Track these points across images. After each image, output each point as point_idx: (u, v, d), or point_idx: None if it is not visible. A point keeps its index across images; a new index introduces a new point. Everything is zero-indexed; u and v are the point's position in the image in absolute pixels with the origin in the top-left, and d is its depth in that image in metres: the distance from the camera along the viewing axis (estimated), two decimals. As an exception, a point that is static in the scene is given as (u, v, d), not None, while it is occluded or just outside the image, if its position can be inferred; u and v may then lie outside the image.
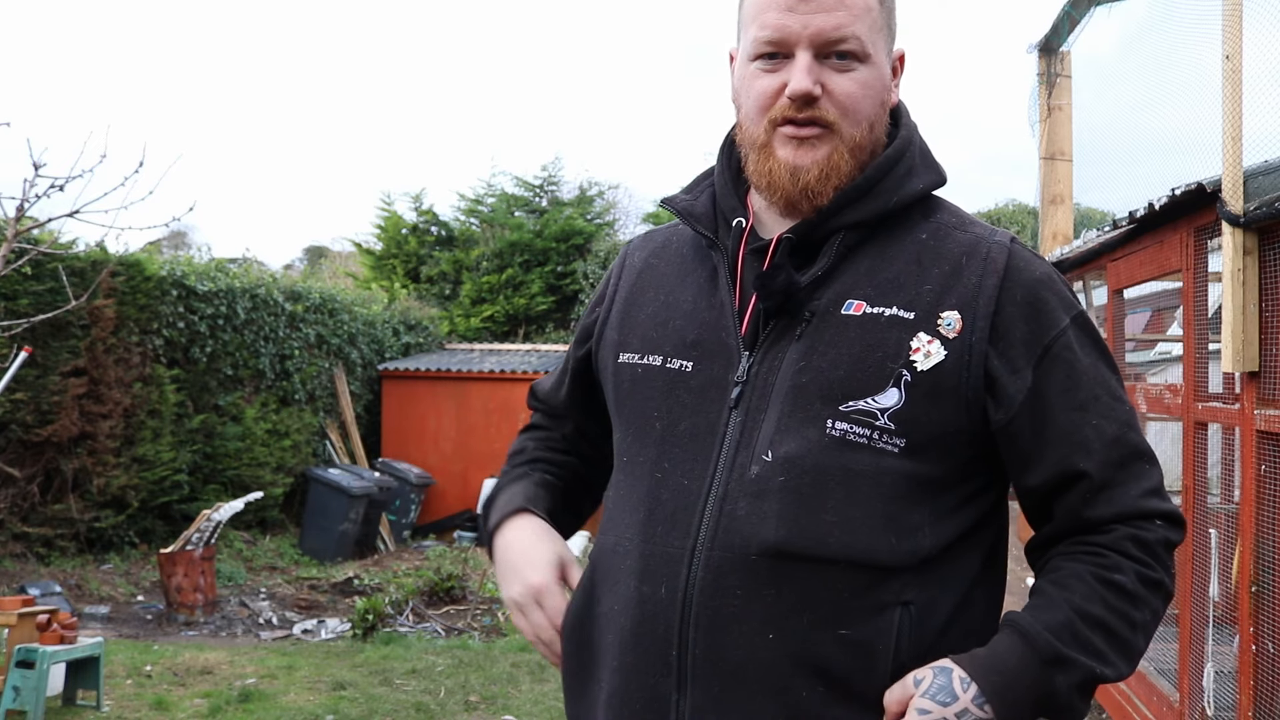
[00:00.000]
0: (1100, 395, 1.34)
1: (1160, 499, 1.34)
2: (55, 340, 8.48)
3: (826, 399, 1.29)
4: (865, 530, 1.27)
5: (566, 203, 17.15)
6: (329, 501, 10.64)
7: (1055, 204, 5.20)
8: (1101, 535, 1.31)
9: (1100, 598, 1.27)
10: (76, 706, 5.55)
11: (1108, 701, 3.99)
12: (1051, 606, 1.27)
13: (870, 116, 1.37)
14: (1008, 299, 1.32)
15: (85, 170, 4.93)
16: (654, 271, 1.50)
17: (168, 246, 18.53)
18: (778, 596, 1.26)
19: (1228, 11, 2.77)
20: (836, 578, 1.26)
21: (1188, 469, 3.25)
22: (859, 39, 1.34)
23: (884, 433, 1.28)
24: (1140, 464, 1.34)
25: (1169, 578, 1.33)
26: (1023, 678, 1.23)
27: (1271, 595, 2.67)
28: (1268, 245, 2.73)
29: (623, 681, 1.34)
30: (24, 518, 8.53)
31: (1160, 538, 1.32)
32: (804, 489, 1.27)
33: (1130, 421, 1.35)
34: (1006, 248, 1.36)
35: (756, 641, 1.27)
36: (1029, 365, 1.31)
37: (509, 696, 6.11)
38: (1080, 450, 1.31)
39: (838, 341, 1.31)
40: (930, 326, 1.30)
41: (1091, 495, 1.32)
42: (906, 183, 1.39)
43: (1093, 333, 1.37)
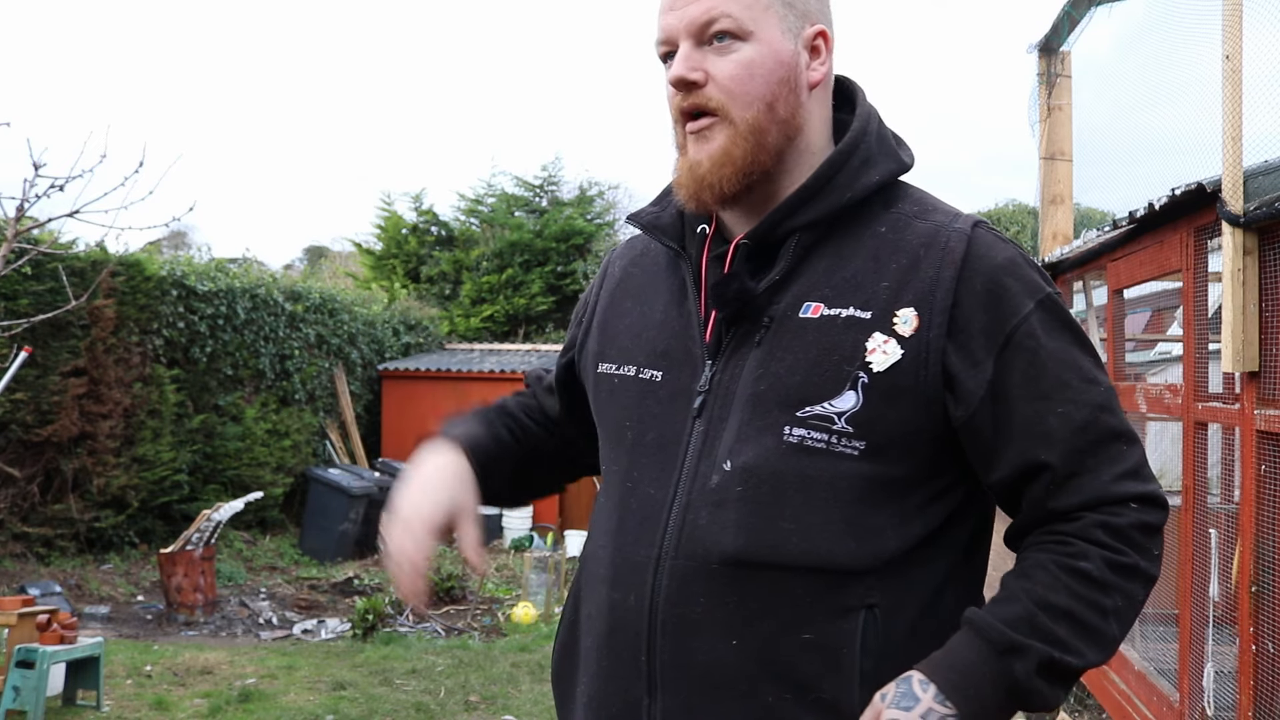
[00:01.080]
0: (1069, 380, 1.29)
1: (1137, 480, 1.29)
2: (55, 340, 8.48)
3: (784, 405, 1.28)
4: (824, 535, 1.26)
5: (566, 203, 17.16)
6: (329, 501, 10.64)
7: (1055, 204, 5.19)
8: (1069, 523, 1.28)
9: (1064, 586, 1.24)
10: (76, 706, 5.55)
11: (1108, 701, 3.99)
12: (1010, 600, 1.25)
13: (764, 95, 1.31)
14: (966, 289, 1.28)
15: (85, 170, 4.94)
16: (632, 281, 1.49)
17: (168, 246, 18.54)
18: (740, 604, 1.27)
19: (1228, 11, 2.77)
20: (797, 583, 1.26)
21: (1188, 469, 3.25)
22: (731, 16, 1.30)
23: (842, 436, 1.26)
24: (1115, 446, 1.29)
25: (1147, 561, 1.29)
26: (981, 670, 1.22)
27: (1271, 595, 2.67)
28: (1268, 245, 2.73)
29: (600, 686, 1.36)
30: (24, 518, 8.53)
31: (1134, 521, 1.28)
32: (761, 497, 1.27)
33: (1105, 403, 1.30)
34: (966, 235, 1.31)
35: (721, 648, 1.27)
36: (990, 357, 1.28)
37: (509, 696, 6.11)
38: (1042, 441, 1.28)
39: (795, 346, 1.29)
40: (886, 325, 1.27)
41: (1056, 486, 1.28)
42: (862, 175, 1.34)
43: (1062, 315, 1.32)
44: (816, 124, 1.38)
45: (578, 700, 1.41)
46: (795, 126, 1.34)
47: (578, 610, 1.45)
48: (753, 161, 1.32)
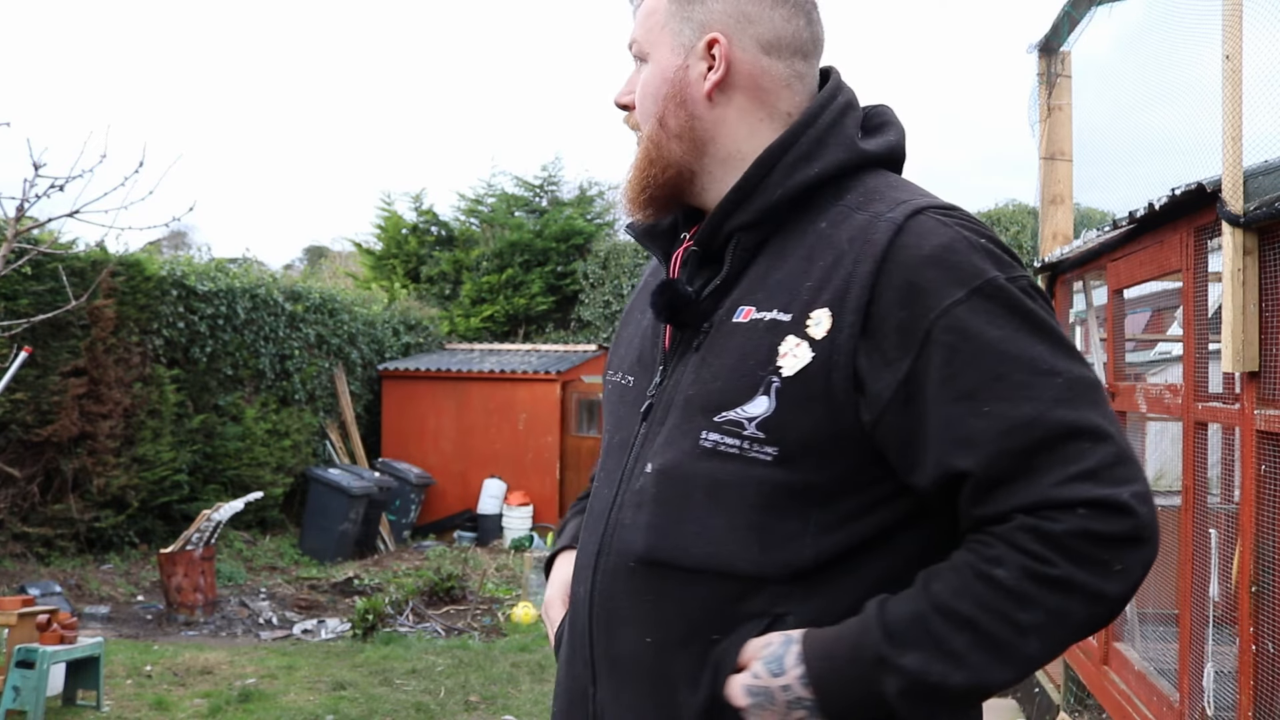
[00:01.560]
0: (1006, 373, 1.17)
1: (1092, 483, 1.14)
2: (55, 340, 8.48)
3: (705, 410, 1.28)
4: (728, 541, 1.25)
5: (566, 203, 17.15)
6: (329, 501, 10.64)
7: (1055, 204, 5.19)
8: (998, 525, 1.17)
9: (971, 593, 1.15)
10: (76, 706, 5.55)
11: (1108, 701, 3.99)
12: (913, 597, 1.18)
13: (655, 112, 1.38)
14: (884, 284, 1.20)
15: (85, 170, 4.94)
16: (645, 289, 1.53)
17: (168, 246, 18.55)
18: (656, 603, 1.29)
19: (1228, 11, 2.77)
20: (704, 587, 1.27)
21: (1188, 469, 3.25)
22: (637, 41, 1.41)
23: (753, 442, 1.24)
24: (1070, 445, 1.15)
25: (1089, 574, 1.14)
26: (849, 671, 1.17)
27: (1271, 595, 2.67)
28: (1268, 245, 2.73)
29: (564, 673, 1.43)
30: (24, 518, 8.54)
31: (1075, 528, 1.13)
32: (670, 499, 1.29)
33: (1062, 396, 1.16)
34: (896, 224, 1.22)
35: (638, 645, 1.30)
36: (905, 356, 1.18)
37: (509, 696, 6.11)
38: (962, 446, 1.17)
39: (723, 351, 1.29)
40: (800, 327, 1.23)
41: (982, 494, 1.18)
42: (798, 170, 1.31)
43: (1010, 300, 1.19)
44: (740, 130, 1.36)
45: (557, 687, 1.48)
46: (697, 138, 1.36)
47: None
48: (649, 174, 1.37)
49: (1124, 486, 1.15)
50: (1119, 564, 1.15)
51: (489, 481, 12.18)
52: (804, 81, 1.38)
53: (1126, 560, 1.15)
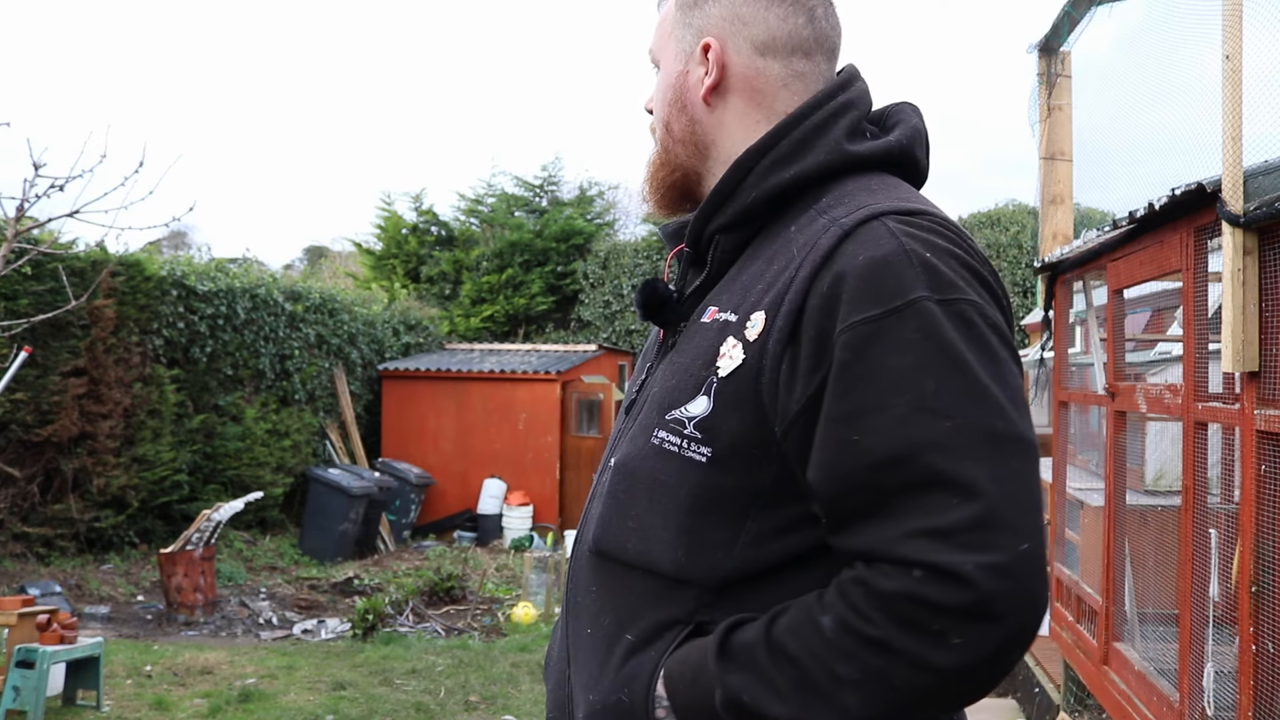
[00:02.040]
0: (889, 405, 1.09)
1: (941, 545, 1.05)
2: (55, 340, 8.48)
3: (661, 408, 1.29)
4: (659, 539, 1.25)
5: (566, 203, 17.16)
6: (329, 501, 10.64)
7: (1055, 204, 5.19)
8: (846, 571, 1.13)
9: (800, 634, 1.12)
10: (76, 706, 5.55)
11: (1108, 701, 4.00)
12: (758, 624, 1.17)
13: (663, 117, 1.43)
14: (815, 291, 1.16)
15: (85, 170, 4.94)
16: None
17: (168, 246, 18.56)
18: (598, 594, 1.33)
19: (1228, 11, 2.78)
20: (635, 583, 1.28)
21: (1188, 469, 3.25)
22: (651, 51, 1.47)
23: (691, 441, 1.23)
24: (932, 496, 1.07)
25: (910, 640, 1.06)
26: (696, 675, 1.18)
27: (1271, 595, 2.67)
28: (1268, 245, 2.73)
29: (552, 653, 1.47)
30: (24, 518, 8.54)
31: (903, 590, 1.06)
32: (620, 494, 1.31)
33: (940, 442, 1.07)
34: (844, 230, 1.18)
35: (583, 635, 1.34)
36: (817, 371, 1.14)
37: (509, 696, 6.11)
38: (823, 467, 1.13)
39: (685, 350, 1.30)
40: (740, 329, 1.22)
41: (838, 521, 1.13)
42: (773, 173, 1.29)
43: (926, 327, 1.11)
44: (738, 133, 1.36)
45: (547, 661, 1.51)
46: (699, 142, 1.39)
47: None
48: (659, 176, 1.43)
49: (973, 555, 1.05)
50: (956, 636, 1.06)
51: (489, 481, 12.19)
52: (806, 81, 1.35)
53: (966, 634, 1.06)
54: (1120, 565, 4.09)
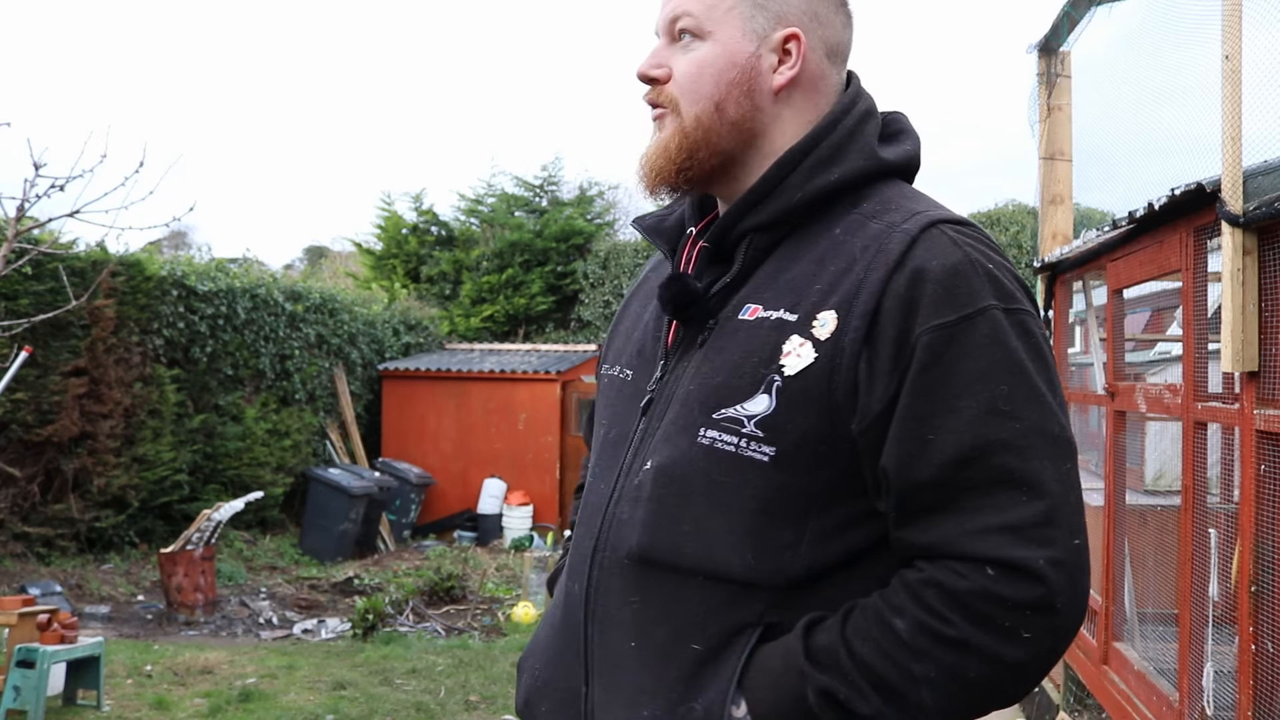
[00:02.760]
0: (962, 406, 1.15)
1: (1012, 541, 1.13)
2: (55, 340, 8.49)
3: (704, 407, 1.26)
4: (723, 543, 1.22)
5: (566, 203, 17.16)
6: (329, 501, 10.65)
7: (1055, 204, 5.19)
8: (911, 572, 1.18)
9: (872, 638, 1.16)
10: (77, 706, 5.55)
11: (1107, 701, 4.00)
12: (831, 629, 1.19)
13: (712, 95, 1.31)
14: (891, 293, 1.19)
15: (85, 170, 4.93)
16: (646, 285, 1.52)
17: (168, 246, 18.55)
18: (642, 605, 1.27)
19: (1228, 11, 2.78)
20: (694, 591, 1.24)
21: (1188, 469, 3.25)
22: (691, 15, 1.33)
23: (751, 440, 1.22)
24: (1003, 493, 1.14)
25: (988, 636, 1.13)
26: (779, 680, 1.19)
27: (1271, 595, 2.68)
28: (1267, 245, 2.73)
29: (553, 673, 1.37)
30: (24, 518, 8.54)
31: (977, 588, 1.12)
32: (668, 497, 1.26)
33: (1012, 443, 1.14)
34: (911, 235, 1.21)
35: (623, 647, 1.28)
36: (895, 370, 1.18)
37: (509, 696, 6.11)
38: (895, 460, 1.17)
39: (726, 348, 1.27)
40: (805, 328, 1.22)
41: (908, 515, 1.18)
42: (816, 175, 1.29)
43: (995, 334, 1.17)
44: (790, 128, 1.34)
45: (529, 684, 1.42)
46: (751, 130, 1.33)
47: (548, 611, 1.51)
48: (689, 157, 1.32)
49: (1041, 550, 1.13)
50: (1026, 631, 1.13)
51: (489, 481, 12.19)
52: (838, 88, 1.38)
53: (1035, 628, 1.13)
54: (1120, 565, 4.09)
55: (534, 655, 1.43)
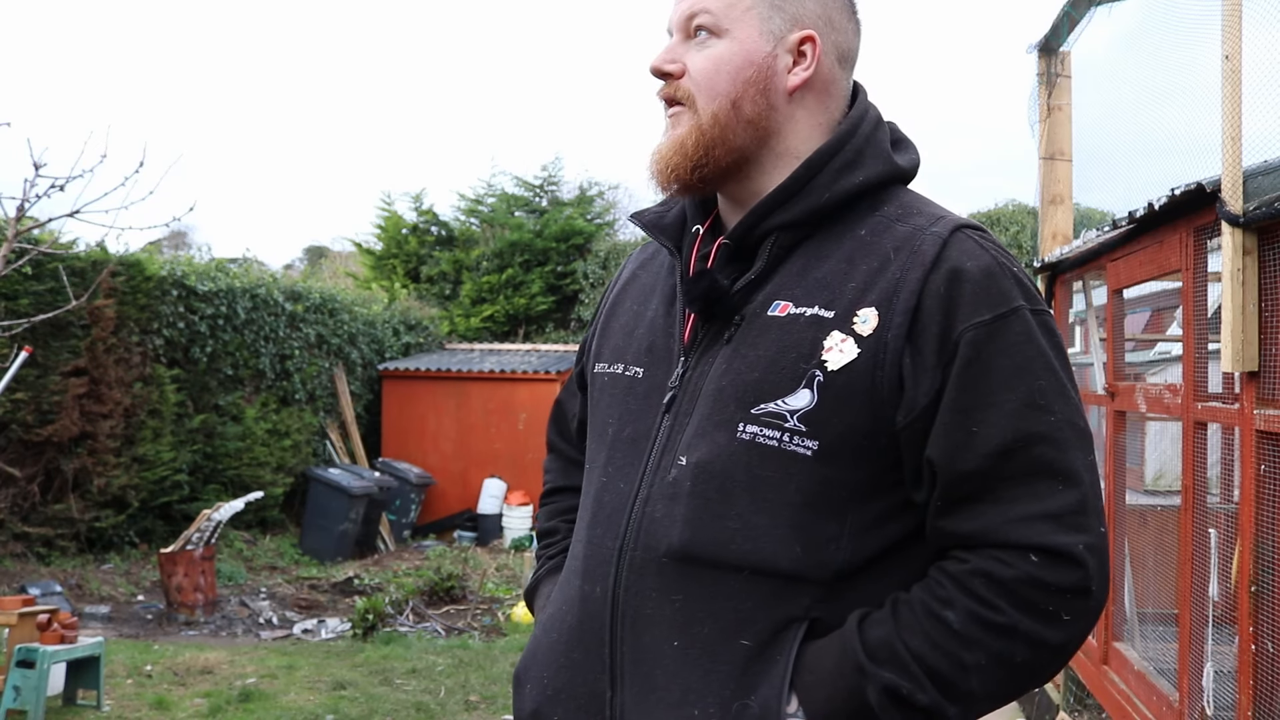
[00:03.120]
0: (1001, 401, 1.21)
1: (1053, 528, 1.19)
2: (55, 340, 8.48)
3: (741, 402, 1.27)
4: (770, 538, 1.24)
5: (566, 203, 17.15)
6: (329, 501, 10.64)
7: (1055, 204, 5.19)
8: (953, 563, 1.22)
9: (923, 631, 1.20)
10: (77, 706, 5.55)
11: (1107, 701, 4.00)
12: (880, 622, 1.22)
13: (728, 93, 1.33)
14: (929, 293, 1.24)
15: (85, 170, 4.93)
16: (636, 282, 1.52)
17: (168, 246, 18.55)
18: (685, 603, 1.26)
19: (1228, 11, 2.78)
20: (740, 586, 1.24)
21: (1188, 469, 3.25)
22: (709, 13, 1.34)
23: (794, 435, 1.24)
24: (1042, 482, 1.20)
25: (1035, 621, 1.19)
26: (835, 680, 1.21)
27: (1271, 595, 2.68)
28: (1267, 245, 2.73)
29: (568, 679, 1.35)
30: (24, 518, 8.54)
31: (1024, 575, 1.18)
32: (710, 493, 1.26)
33: (1050, 435, 1.21)
34: (942, 238, 1.27)
35: (665, 647, 1.27)
36: (939, 365, 1.22)
37: (509, 696, 6.11)
38: (941, 452, 1.22)
39: (759, 344, 1.29)
40: (846, 324, 1.25)
41: (947, 507, 1.23)
42: (843, 177, 1.33)
43: (1026, 333, 1.24)
44: (802, 129, 1.37)
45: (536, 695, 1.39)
46: (766, 129, 1.35)
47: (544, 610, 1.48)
48: (705, 154, 1.34)
49: (1080, 536, 1.20)
50: (1066, 613, 1.20)
51: (489, 481, 12.19)
52: (846, 94, 1.42)
53: (1073, 610, 1.20)
54: (1120, 565, 4.09)
55: (538, 664, 1.40)
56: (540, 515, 1.68)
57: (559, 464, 1.69)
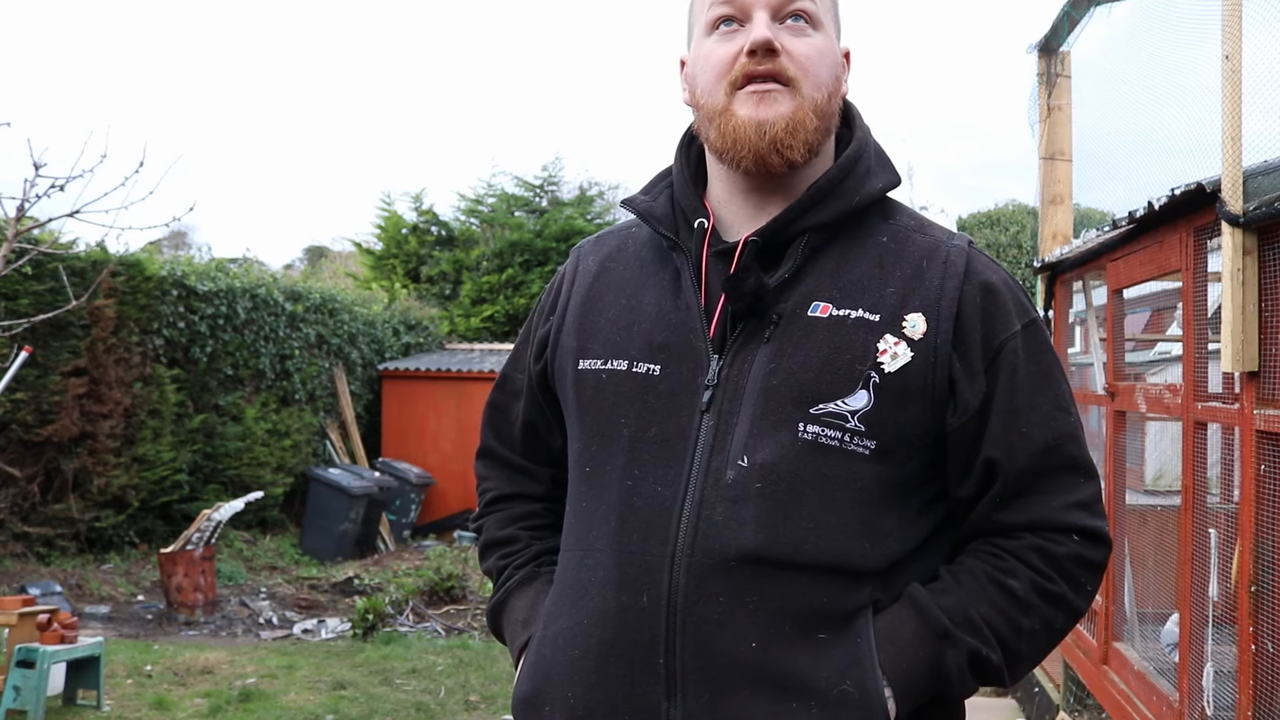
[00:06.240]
0: (1038, 404, 1.34)
1: (1085, 513, 1.34)
2: (55, 340, 8.48)
3: (798, 402, 1.28)
4: (841, 536, 1.27)
5: (567, 203, 17.15)
6: (329, 501, 10.64)
7: (1055, 204, 5.19)
8: (1008, 540, 1.34)
9: (989, 598, 1.31)
10: (77, 706, 5.55)
11: (1107, 701, 4.00)
12: (946, 591, 1.31)
13: (828, 84, 1.35)
14: (967, 302, 1.33)
15: (85, 170, 4.93)
16: (612, 275, 1.46)
17: (168, 246, 18.56)
18: (760, 603, 1.26)
19: (1227, 11, 2.77)
20: (814, 583, 1.27)
21: (1188, 469, 3.25)
22: (813, 2, 1.36)
23: (855, 435, 1.28)
24: (1072, 476, 1.34)
25: (1076, 593, 1.34)
26: (917, 649, 1.28)
27: (1271, 595, 2.68)
28: (1267, 245, 2.73)
29: (605, 695, 1.30)
30: (24, 518, 8.54)
31: (1072, 553, 1.33)
32: (780, 494, 1.27)
33: (1072, 434, 1.35)
34: (965, 251, 1.37)
35: (742, 648, 1.25)
36: (983, 370, 1.32)
37: (509, 696, 6.10)
38: (1003, 454, 1.32)
39: (806, 344, 1.30)
40: (896, 328, 1.30)
41: (1005, 500, 1.34)
42: (867, 182, 1.38)
43: (1045, 341, 1.38)
44: (831, 135, 1.42)
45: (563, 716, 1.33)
46: (830, 129, 1.40)
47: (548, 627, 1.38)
48: (815, 140, 1.35)
49: (1102, 520, 1.37)
50: (1091, 585, 1.36)
51: (489, 481, 12.17)
52: None
53: (1094, 582, 1.37)
54: (1120, 565, 4.09)
55: (557, 684, 1.34)
56: (488, 524, 1.57)
57: (500, 470, 1.60)
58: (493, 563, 1.55)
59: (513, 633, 1.47)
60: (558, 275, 1.55)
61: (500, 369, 1.61)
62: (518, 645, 1.45)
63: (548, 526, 1.55)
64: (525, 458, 1.57)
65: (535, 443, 1.56)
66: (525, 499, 1.57)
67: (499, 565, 1.53)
